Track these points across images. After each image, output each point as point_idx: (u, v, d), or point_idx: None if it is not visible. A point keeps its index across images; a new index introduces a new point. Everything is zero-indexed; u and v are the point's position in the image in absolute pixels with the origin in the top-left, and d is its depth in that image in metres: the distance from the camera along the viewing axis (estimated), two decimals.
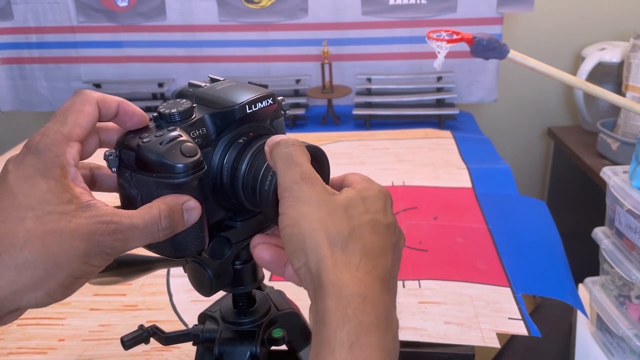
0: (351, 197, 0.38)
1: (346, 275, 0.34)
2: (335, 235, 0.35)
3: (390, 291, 0.36)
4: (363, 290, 0.34)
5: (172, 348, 0.71)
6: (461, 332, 0.74)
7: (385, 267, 0.36)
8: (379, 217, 0.38)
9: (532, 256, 0.94)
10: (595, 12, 1.67)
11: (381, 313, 0.34)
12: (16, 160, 0.35)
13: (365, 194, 0.39)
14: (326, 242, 0.35)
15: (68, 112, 0.37)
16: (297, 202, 0.36)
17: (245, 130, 0.43)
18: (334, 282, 0.34)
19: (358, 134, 1.48)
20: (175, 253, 0.41)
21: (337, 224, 0.36)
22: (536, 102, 1.80)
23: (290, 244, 0.36)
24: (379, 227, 0.38)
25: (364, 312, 0.33)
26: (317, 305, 0.34)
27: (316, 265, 0.35)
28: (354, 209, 0.37)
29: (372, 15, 1.60)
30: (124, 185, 0.39)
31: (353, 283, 0.34)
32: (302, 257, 0.35)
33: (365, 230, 0.37)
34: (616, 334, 0.86)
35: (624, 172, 0.86)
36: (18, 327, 0.77)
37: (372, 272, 0.35)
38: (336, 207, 0.37)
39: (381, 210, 0.39)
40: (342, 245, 0.35)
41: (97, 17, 1.66)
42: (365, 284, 0.34)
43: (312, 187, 0.37)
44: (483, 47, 0.66)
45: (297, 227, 0.36)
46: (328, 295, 0.34)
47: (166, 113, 0.40)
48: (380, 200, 0.39)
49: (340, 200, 0.37)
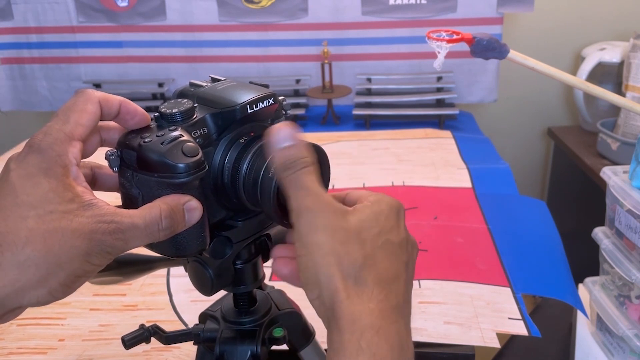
0: (364, 218, 0.37)
1: (359, 307, 0.34)
2: (348, 266, 0.35)
3: (404, 316, 0.37)
4: (376, 322, 0.34)
5: (172, 348, 0.71)
6: (461, 332, 0.74)
7: (399, 292, 0.37)
8: (392, 236, 0.38)
9: (532, 256, 0.94)
10: (595, 12, 1.68)
11: (395, 343, 0.34)
12: (18, 158, 0.36)
13: (378, 208, 0.38)
14: (339, 275, 0.35)
15: (70, 111, 0.37)
16: (310, 230, 0.36)
17: (246, 130, 0.43)
18: (347, 315, 0.34)
19: (358, 134, 1.48)
20: (177, 252, 0.41)
21: (350, 254, 0.36)
22: (536, 102, 1.80)
23: (304, 275, 0.36)
24: (392, 249, 0.38)
25: (377, 345, 0.34)
26: (332, 336, 0.35)
27: (330, 299, 0.35)
28: (368, 232, 0.37)
29: (372, 15, 1.60)
30: (126, 184, 0.39)
31: (366, 315, 0.34)
32: (316, 289, 0.36)
33: (378, 256, 0.37)
34: (616, 334, 0.86)
35: (624, 172, 0.86)
36: (18, 327, 0.77)
37: (385, 301, 0.35)
38: (349, 234, 0.36)
39: (394, 227, 0.38)
40: (355, 276, 0.35)
41: (97, 17, 1.66)
42: (378, 314, 0.35)
43: (323, 212, 0.36)
44: (483, 47, 0.66)
45: (311, 259, 0.36)
46: (342, 328, 0.34)
47: (167, 113, 0.40)
48: (392, 216, 0.39)
49: (353, 224, 0.37)
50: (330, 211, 0.36)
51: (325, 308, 0.35)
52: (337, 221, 0.36)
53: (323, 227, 0.36)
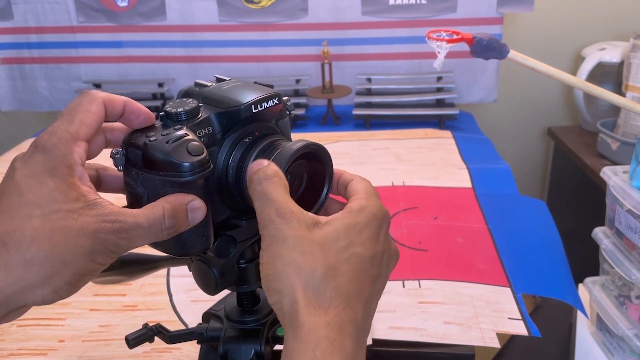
0: (332, 230, 0.38)
1: (316, 319, 0.35)
2: (308, 276, 0.36)
3: (361, 330, 0.38)
4: (331, 334, 0.35)
5: (172, 349, 0.71)
6: (461, 332, 0.74)
7: (358, 307, 0.37)
8: (362, 249, 0.38)
9: (532, 256, 0.94)
10: (595, 12, 1.68)
11: (349, 355, 0.35)
12: (24, 158, 0.36)
13: (353, 220, 0.39)
14: (299, 284, 0.36)
15: (75, 112, 0.37)
16: (273, 241, 0.37)
17: (251, 129, 0.43)
18: (304, 324, 0.35)
19: (358, 134, 1.48)
20: (181, 251, 0.41)
21: (310, 264, 0.36)
22: (536, 102, 1.80)
23: (265, 282, 0.37)
24: (359, 262, 0.38)
25: (331, 355, 0.35)
26: (288, 341, 0.36)
27: (289, 306, 0.36)
28: (333, 244, 0.37)
29: (372, 15, 1.60)
30: (131, 183, 0.39)
31: (322, 326, 0.35)
32: (276, 296, 0.37)
33: (341, 268, 0.37)
34: (616, 334, 0.86)
35: (624, 172, 0.87)
36: (18, 327, 0.77)
37: (343, 314, 0.36)
38: (312, 245, 0.37)
39: (368, 240, 0.39)
40: (315, 287, 0.36)
41: (97, 17, 1.66)
42: (334, 327, 0.35)
43: (287, 223, 0.37)
44: (483, 47, 0.67)
45: (272, 267, 0.37)
46: (298, 336, 0.35)
47: (173, 112, 0.40)
48: (369, 229, 0.39)
49: (317, 236, 0.37)
50: (294, 221, 0.37)
51: (283, 313, 0.36)
52: (300, 231, 0.37)
53: (284, 238, 0.37)
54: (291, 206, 0.38)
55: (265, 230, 0.37)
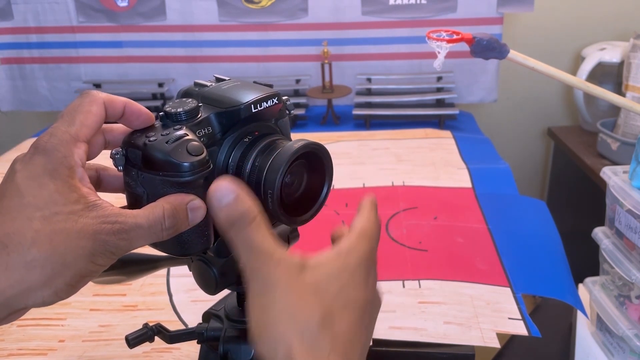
0: (323, 273, 0.36)
1: None
2: (303, 323, 0.34)
3: None
4: None
5: (172, 349, 0.71)
6: (461, 332, 0.74)
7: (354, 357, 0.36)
8: (355, 294, 0.37)
9: (532, 256, 0.94)
10: (595, 12, 1.68)
11: None
12: (24, 160, 0.36)
13: (344, 262, 0.37)
14: (294, 333, 0.34)
15: (75, 113, 0.37)
16: (264, 287, 0.35)
17: (250, 129, 0.43)
18: None
19: (358, 134, 1.48)
20: (181, 251, 0.41)
21: (305, 311, 0.35)
22: (536, 102, 1.80)
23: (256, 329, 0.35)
24: (354, 309, 0.37)
25: None
26: None
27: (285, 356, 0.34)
28: (327, 289, 0.36)
29: (372, 15, 1.60)
30: (130, 183, 0.39)
31: None
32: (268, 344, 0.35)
33: (337, 315, 0.36)
34: (616, 334, 0.86)
35: (624, 172, 0.87)
36: (18, 327, 0.77)
37: None
38: (306, 290, 0.35)
39: (359, 284, 0.37)
40: (311, 335, 0.34)
41: (97, 17, 1.66)
42: None
43: (277, 267, 0.35)
44: (483, 47, 0.67)
45: (264, 314, 0.35)
46: None
47: (172, 112, 0.40)
48: (360, 272, 0.38)
49: (310, 280, 0.36)
50: (284, 267, 0.35)
51: None
52: (291, 277, 0.35)
53: (275, 283, 0.35)
54: (279, 251, 0.36)
55: (252, 282, 0.36)
